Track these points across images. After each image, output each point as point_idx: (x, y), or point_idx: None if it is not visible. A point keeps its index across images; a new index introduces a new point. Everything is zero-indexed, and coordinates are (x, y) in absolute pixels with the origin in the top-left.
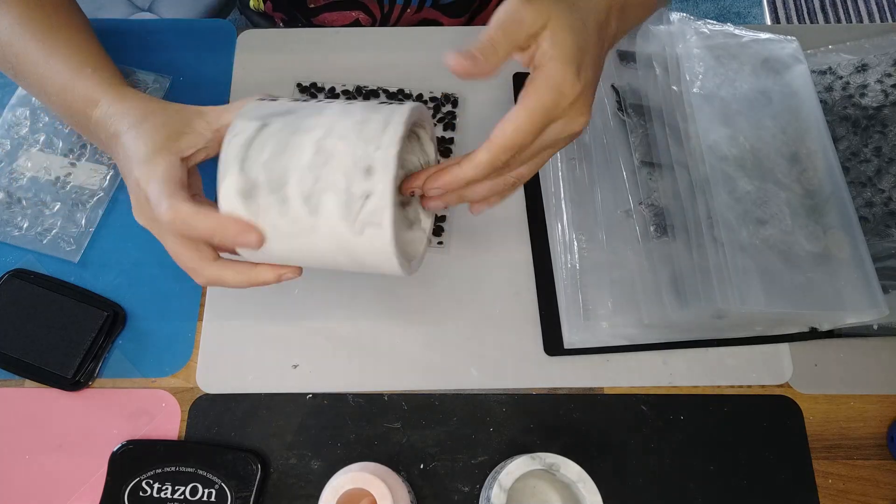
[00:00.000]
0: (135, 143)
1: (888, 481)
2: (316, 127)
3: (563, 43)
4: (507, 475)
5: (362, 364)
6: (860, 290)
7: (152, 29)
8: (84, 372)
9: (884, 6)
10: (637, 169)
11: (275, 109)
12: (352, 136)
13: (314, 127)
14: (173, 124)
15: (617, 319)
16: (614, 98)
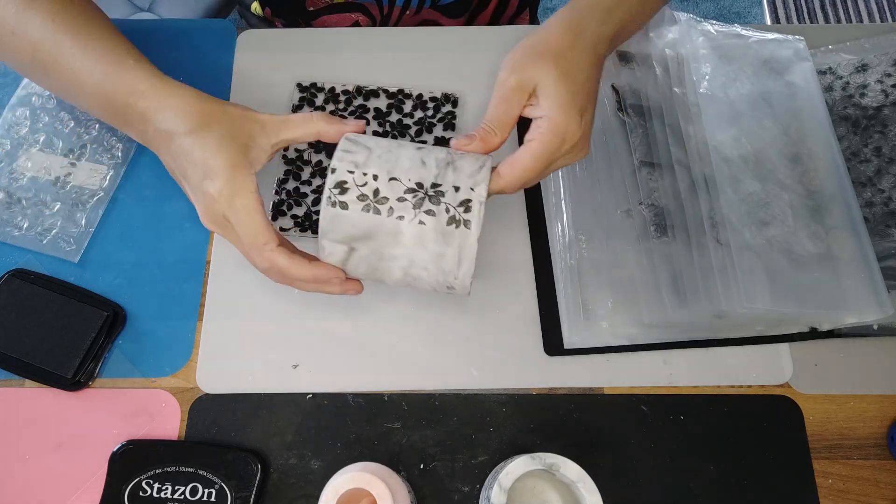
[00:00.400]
0: (202, 152)
1: (888, 481)
2: (399, 257)
3: (557, 94)
4: (507, 475)
5: (362, 364)
6: (865, 289)
7: (152, 29)
8: (84, 372)
9: (884, 6)
10: (637, 169)
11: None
12: (431, 267)
13: (398, 257)
14: (240, 136)
15: (617, 319)
16: (614, 98)
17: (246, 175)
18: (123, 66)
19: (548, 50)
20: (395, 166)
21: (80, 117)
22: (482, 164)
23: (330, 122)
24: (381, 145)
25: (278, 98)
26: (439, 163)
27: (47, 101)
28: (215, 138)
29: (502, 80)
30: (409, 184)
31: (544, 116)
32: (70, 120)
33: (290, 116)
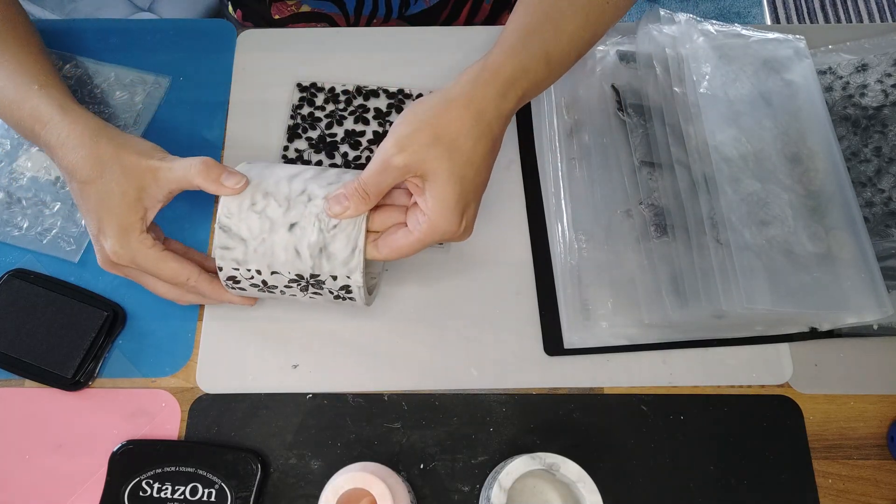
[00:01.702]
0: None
1: (888, 481)
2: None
3: (444, 195)
4: (507, 475)
5: (362, 364)
6: (865, 289)
7: (152, 29)
8: (84, 372)
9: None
10: (637, 169)
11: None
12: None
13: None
14: (131, 191)
15: (617, 319)
16: (614, 98)
17: (138, 235)
18: (29, 91)
19: (443, 135)
20: (273, 260)
21: None
22: (354, 248)
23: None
24: (253, 233)
25: (278, 98)
26: (312, 251)
27: None
28: (106, 193)
29: (388, 153)
30: (290, 275)
31: (427, 216)
32: None
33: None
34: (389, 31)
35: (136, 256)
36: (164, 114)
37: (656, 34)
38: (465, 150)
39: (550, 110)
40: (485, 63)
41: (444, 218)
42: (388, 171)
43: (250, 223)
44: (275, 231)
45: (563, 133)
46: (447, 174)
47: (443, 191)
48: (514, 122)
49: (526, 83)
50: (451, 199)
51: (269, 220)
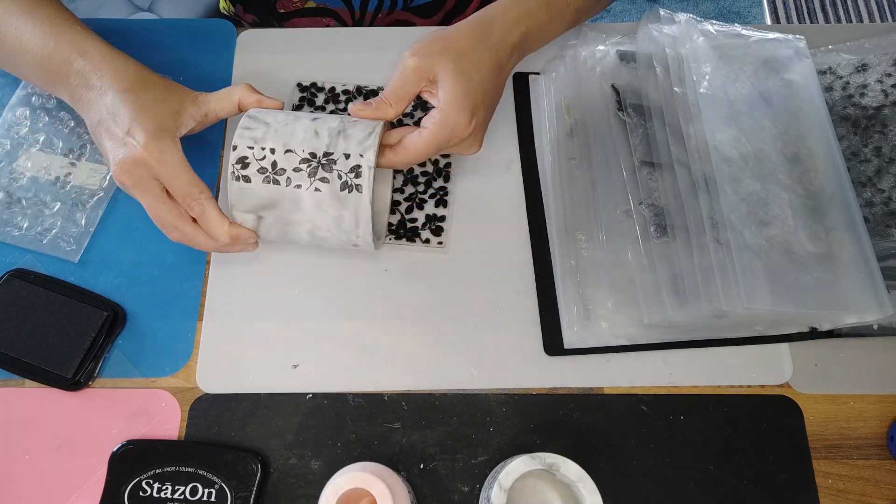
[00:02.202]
0: (133, 107)
1: (888, 481)
2: (303, 221)
3: (454, 91)
4: (507, 475)
5: (362, 364)
6: (865, 289)
7: (152, 29)
8: (84, 372)
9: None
10: (637, 169)
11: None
12: (333, 229)
13: (302, 221)
14: (171, 103)
15: (617, 319)
16: (614, 98)
17: (172, 137)
18: (68, 29)
19: (451, 46)
20: (291, 139)
21: (81, 117)
22: (371, 131)
23: (249, 94)
24: (278, 119)
25: (278, 98)
26: (331, 132)
27: (47, 101)
28: (148, 99)
29: (404, 60)
30: (304, 154)
31: (438, 109)
32: (70, 120)
33: (217, 92)
34: (389, 31)
35: (164, 155)
36: None
37: (656, 34)
38: (471, 59)
39: (550, 110)
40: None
41: (453, 109)
42: (404, 75)
43: (277, 115)
44: (299, 119)
45: (563, 133)
46: (455, 73)
47: (452, 86)
48: (514, 122)
49: (529, 22)
50: (460, 93)
51: (295, 115)
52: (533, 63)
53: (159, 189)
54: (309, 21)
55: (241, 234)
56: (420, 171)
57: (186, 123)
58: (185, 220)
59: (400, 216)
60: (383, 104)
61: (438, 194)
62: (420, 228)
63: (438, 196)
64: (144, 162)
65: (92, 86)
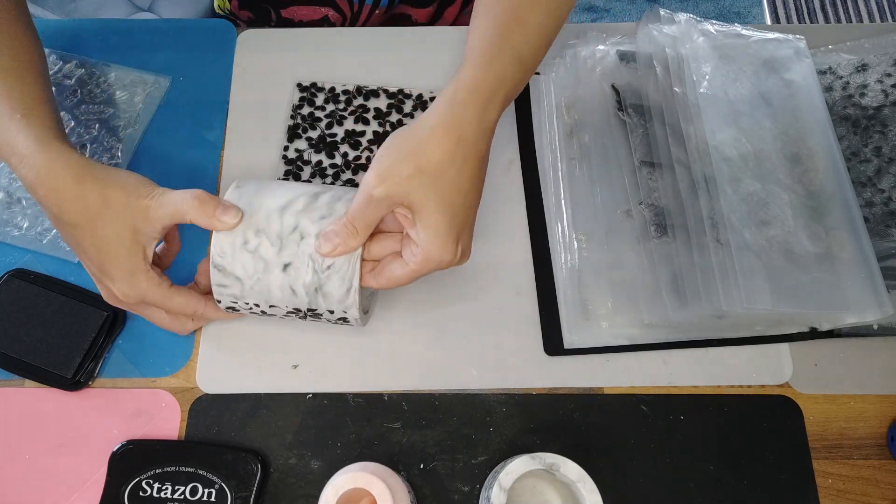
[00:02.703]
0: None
1: (888, 481)
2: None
3: (435, 225)
4: (507, 475)
5: (362, 364)
6: (865, 289)
7: (152, 29)
8: (84, 372)
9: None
10: (637, 169)
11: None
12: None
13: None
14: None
15: (617, 319)
16: (614, 98)
17: (145, 275)
18: (11, 120)
19: (425, 166)
20: (270, 297)
21: (80, 117)
22: (349, 287)
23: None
24: (248, 272)
25: (278, 98)
26: (308, 290)
27: None
28: (101, 238)
29: (370, 185)
30: (288, 308)
31: (420, 248)
32: (70, 120)
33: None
34: (389, 31)
35: (146, 295)
36: (164, 114)
37: (656, 34)
38: (449, 177)
39: (550, 110)
40: (458, 82)
41: (437, 248)
42: (372, 204)
43: (244, 262)
44: (269, 271)
45: (563, 133)
46: (435, 204)
47: (433, 221)
48: (513, 122)
49: (504, 90)
50: (442, 229)
51: (262, 260)
52: None
53: (153, 309)
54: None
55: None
56: None
57: (149, 249)
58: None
59: None
60: (350, 236)
61: None
62: None
63: None
64: (129, 299)
65: (40, 203)
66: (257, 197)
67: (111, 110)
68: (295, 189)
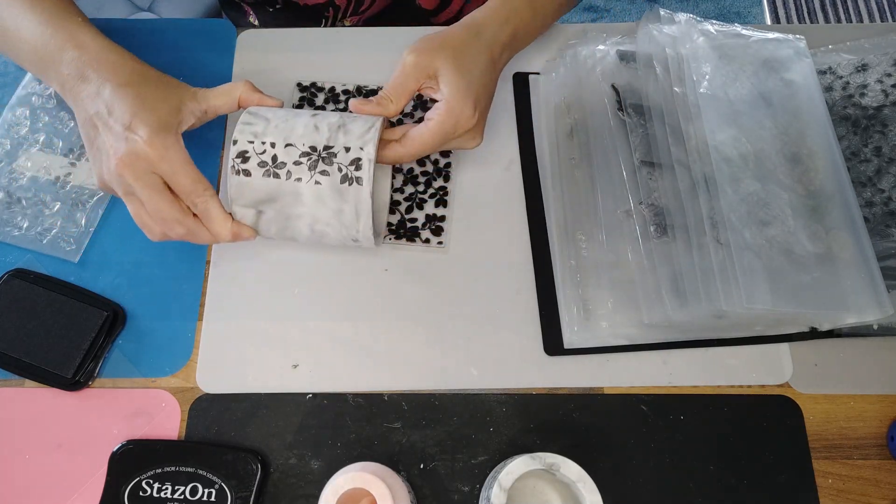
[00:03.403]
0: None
1: (888, 481)
2: (304, 215)
3: (456, 84)
4: (507, 475)
5: (362, 364)
6: (865, 289)
7: (152, 29)
8: (84, 372)
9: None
10: (637, 169)
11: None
12: (334, 223)
13: (302, 215)
14: (171, 99)
15: (617, 319)
16: (614, 98)
17: (175, 133)
18: (68, 19)
19: (448, 43)
20: (291, 133)
21: None
22: (371, 125)
23: (250, 92)
24: (278, 115)
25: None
26: (331, 127)
27: (47, 101)
28: (148, 94)
29: (404, 58)
30: (304, 148)
31: (442, 100)
32: (70, 120)
33: (217, 87)
34: (390, 31)
35: (168, 151)
36: None
37: (656, 34)
38: (468, 56)
39: (550, 110)
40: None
41: (457, 99)
42: (404, 72)
43: (277, 111)
44: (299, 115)
45: (563, 133)
46: (455, 67)
47: (454, 78)
48: (514, 122)
49: (516, 21)
50: (462, 85)
51: (295, 112)
52: (533, 63)
53: (161, 184)
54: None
55: (243, 233)
56: (420, 171)
57: (187, 119)
58: (187, 215)
59: (400, 216)
60: (384, 100)
61: (438, 194)
62: (420, 228)
63: (438, 196)
64: (147, 157)
65: (87, 78)
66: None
67: None
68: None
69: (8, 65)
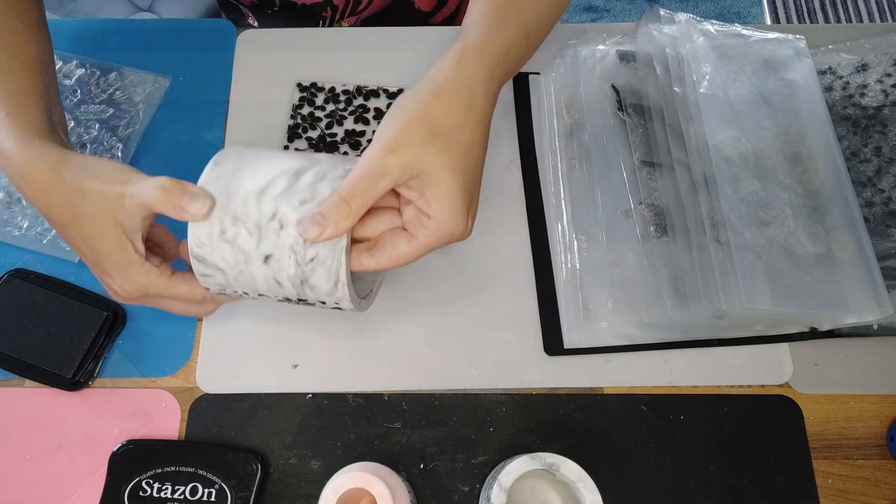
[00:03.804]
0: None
1: (888, 481)
2: None
3: (449, 193)
4: (507, 475)
5: (362, 364)
6: (865, 289)
7: (152, 29)
8: (84, 372)
9: (884, 6)
10: (637, 169)
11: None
12: None
13: None
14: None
15: (617, 319)
16: (614, 98)
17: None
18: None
19: (438, 129)
20: (256, 287)
21: (80, 117)
22: (336, 281)
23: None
24: (228, 264)
25: (278, 98)
26: (293, 281)
27: None
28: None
29: (376, 158)
30: (279, 298)
31: (433, 219)
32: (70, 120)
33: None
34: (390, 31)
35: (148, 288)
36: (164, 114)
37: (656, 34)
38: (462, 142)
39: (550, 110)
40: (465, 44)
41: (451, 218)
42: (380, 176)
43: (223, 254)
44: (250, 263)
45: (563, 133)
46: (448, 170)
47: (446, 189)
48: (513, 122)
49: (509, 61)
50: (457, 197)
51: (242, 251)
52: (533, 63)
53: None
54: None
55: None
56: None
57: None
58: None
59: None
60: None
61: None
62: None
63: None
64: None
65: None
66: (235, 177)
67: (111, 110)
68: (277, 164)
69: None
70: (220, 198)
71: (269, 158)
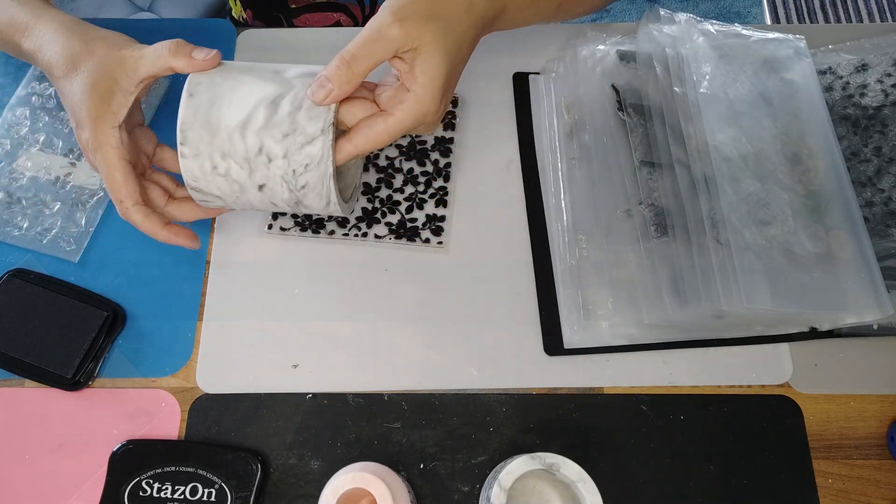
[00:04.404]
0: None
1: (888, 481)
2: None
3: (435, 71)
4: (507, 475)
5: (362, 364)
6: (865, 289)
7: (152, 29)
8: (84, 372)
9: (884, 6)
10: (637, 169)
11: None
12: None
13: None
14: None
15: (617, 319)
16: (614, 98)
17: (107, 129)
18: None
19: (440, 13)
20: (254, 206)
21: None
22: (327, 202)
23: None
24: (224, 192)
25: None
26: (289, 203)
27: (47, 101)
28: (80, 85)
29: (384, 22)
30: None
31: (412, 93)
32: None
33: (144, 52)
34: None
35: (98, 152)
36: (164, 114)
37: (656, 34)
38: (458, 33)
39: (550, 110)
40: None
41: (429, 97)
42: (382, 41)
43: (219, 185)
44: (245, 192)
45: (563, 133)
46: (443, 51)
47: (436, 67)
48: (513, 121)
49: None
50: (440, 76)
51: (236, 182)
52: (533, 63)
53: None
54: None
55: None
56: (420, 171)
57: (122, 103)
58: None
59: (400, 216)
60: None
61: (438, 194)
62: (420, 228)
63: (438, 196)
64: (90, 159)
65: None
66: (214, 109)
67: None
68: (251, 91)
69: (8, 65)
70: (204, 133)
71: (241, 83)
